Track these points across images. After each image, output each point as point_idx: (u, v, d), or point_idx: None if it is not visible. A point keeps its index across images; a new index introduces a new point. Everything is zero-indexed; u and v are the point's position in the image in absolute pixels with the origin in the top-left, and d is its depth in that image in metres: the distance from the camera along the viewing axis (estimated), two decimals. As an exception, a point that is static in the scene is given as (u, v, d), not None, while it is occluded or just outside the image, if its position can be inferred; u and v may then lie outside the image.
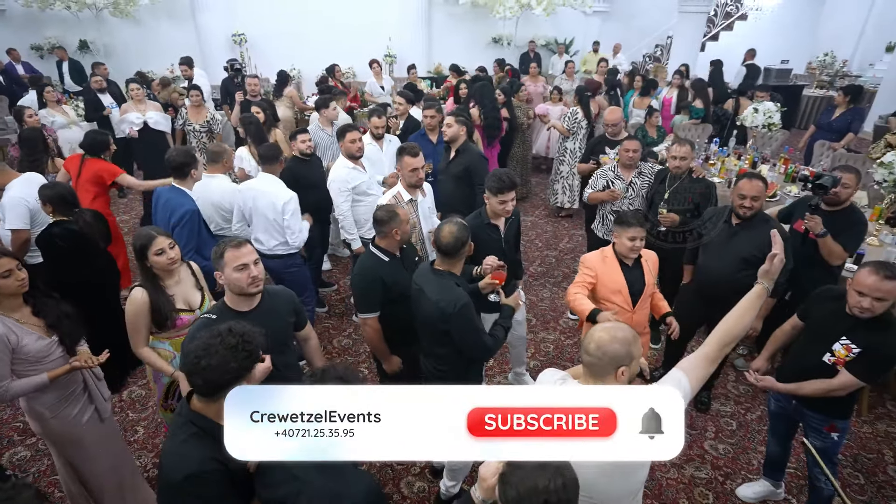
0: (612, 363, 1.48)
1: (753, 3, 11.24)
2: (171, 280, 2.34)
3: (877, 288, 1.98)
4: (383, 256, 2.49)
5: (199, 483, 1.38)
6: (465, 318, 2.13)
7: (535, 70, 7.97)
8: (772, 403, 2.63)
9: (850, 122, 6.02)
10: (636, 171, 3.67)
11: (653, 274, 2.67)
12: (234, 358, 1.41)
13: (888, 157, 3.80)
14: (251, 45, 9.74)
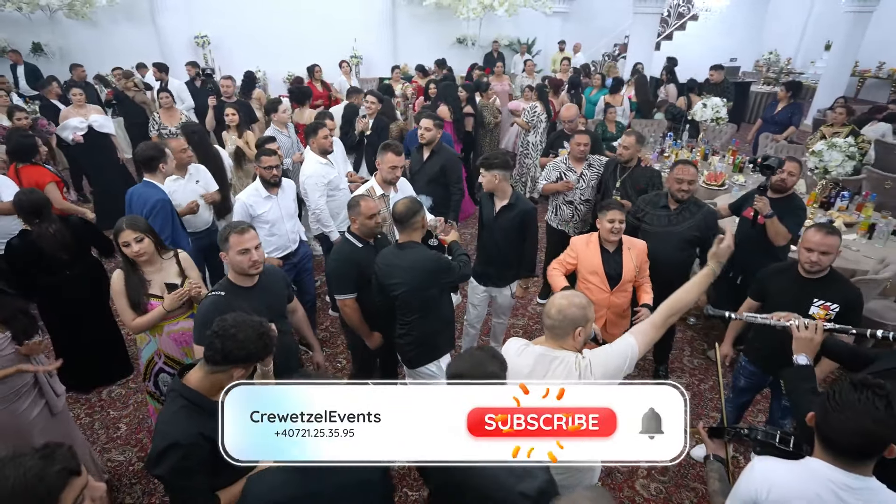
0: (571, 325, 1.68)
1: (703, 5, 11.78)
2: (151, 267, 2.45)
3: (821, 242, 2.26)
4: (357, 243, 2.66)
5: (178, 453, 1.48)
6: (441, 263, 2.50)
7: (500, 69, 8.20)
8: (741, 381, 2.78)
9: (791, 116, 6.48)
10: (586, 164, 3.90)
11: (635, 263, 2.82)
12: (256, 342, 1.57)
13: (818, 146, 4.16)
14: (214, 46, 9.64)
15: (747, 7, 12.53)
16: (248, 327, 1.57)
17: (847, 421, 1.28)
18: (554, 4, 10.48)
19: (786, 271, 2.48)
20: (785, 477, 1.40)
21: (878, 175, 5.16)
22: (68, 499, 1.07)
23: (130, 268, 2.41)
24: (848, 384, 1.32)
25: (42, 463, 1.06)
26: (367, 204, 2.63)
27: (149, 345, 2.52)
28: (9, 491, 1.02)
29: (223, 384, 1.59)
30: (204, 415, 1.53)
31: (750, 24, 12.78)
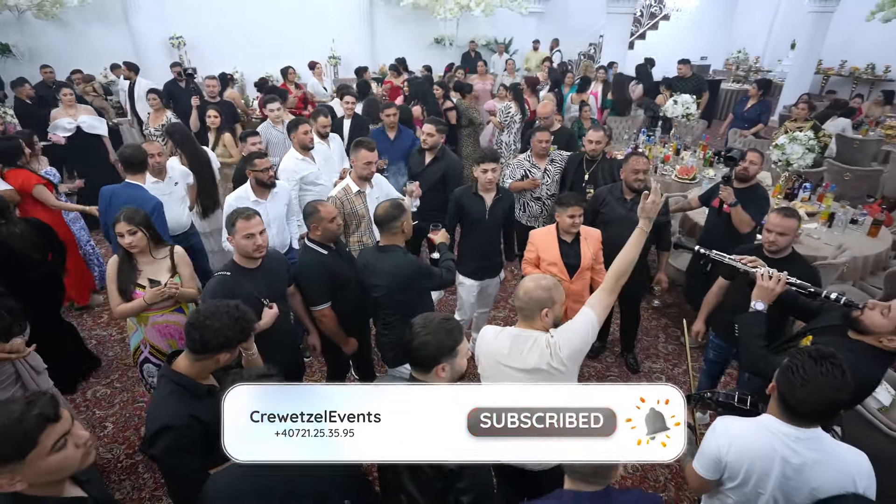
0: (538, 306, 1.81)
1: (674, 5, 12.10)
2: (144, 258, 2.52)
3: (779, 224, 2.46)
4: (321, 250, 2.61)
5: (170, 435, 1.55)
6: (421, 269, 2.54)
7: (482, 68, 8.29)
8: (710, 353, 3.02)
9: (760, 114, 6.75)
10: (549, 159, 4.01)
11: (592, 250, 2.97)
12: (232, 328, 1.63)
13: (781, 139, 4.37)
14: (190, 47, 9.55)
15: (716, 7, 12.90)
16: (224, 314, 1.63)
17: (813, 394, 1.42)
18: (530, 5, 10.63)
19: (752, 252, 2.65)
20: (743, 433, 1.54)
21: (837, 167, 5.42)
22: (47, 442, 1.17)
23: (126, 256, 2.48)
24: (808, 358, 1.46)
25: (23, 409, 1.17)
26: (326, 208, 2.60)
27: (136, 333, 2.59)
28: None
29: (210, 369, 1.67)
30: (194, 398, 1.61)
31: (719, 23, 13.16)
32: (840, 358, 1.45)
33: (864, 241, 4.03)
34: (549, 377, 1.84)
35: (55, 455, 1.19)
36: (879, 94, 7.95)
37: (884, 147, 6.41)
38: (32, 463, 1.16)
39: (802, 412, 1.46)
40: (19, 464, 1.15)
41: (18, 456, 1.14)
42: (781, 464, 1.48)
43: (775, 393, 1.52)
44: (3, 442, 1.13)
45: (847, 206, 4.48)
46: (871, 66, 11.64)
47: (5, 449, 1.13)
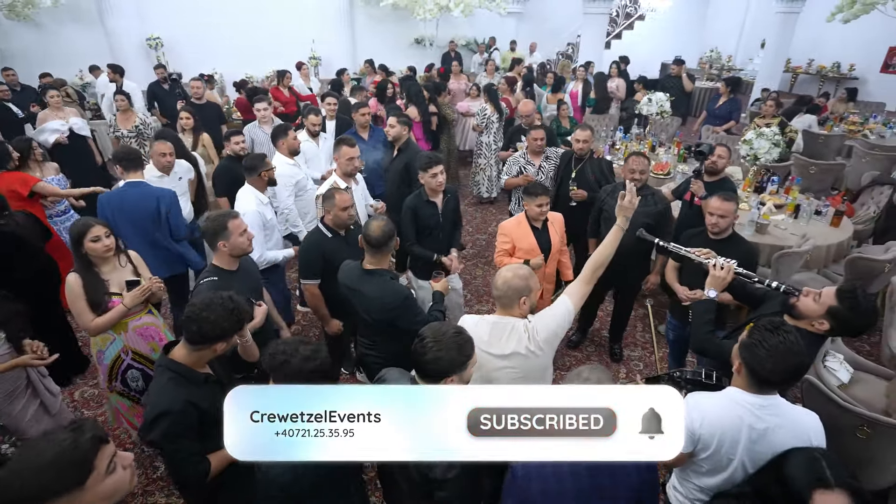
0: (516, 294, 1.91)
1: (649, 5, 12.37)
2: (107, 267, 2.49)
3: (719, 207, 2.65)
4: (327, 233, 2.81)
5: (168, 420, 1.61)
6: (409, 307, 2.37)
7: (457, 68, 8.42)
8: (670, 335, 3.22)
9: (731, 111, 6.99)
10: (544, 156, 4.14)
11: (559, 234, 3.14)
12: (227, 319, 1.70)
13: (749, 134, 4.56)
14: (168, 49, 9.48)
15: (689, 7, 13.22)
16: (218, 306, 1.69)
17: (780, 362, 1.55)
18: (508, 5, 10.78)
19: (699, 234, 2.85)
20: (713, 407, 1.68)
21: (803, 161, 5.65)
22: (102, 464, 1.13)
23: (86, 269, 2.42)
24: (765, 331, 1.60)
25: (74, 434, 1.12)
26: (342, 196, 2.76)
27: (113, 343, 2.52)
28: (48, 461, 1.07)
29: (207, 358, 1.75)
30: (191, 385, 1.68)
31: (692, 23, 13.48)
32: (789, 325, 1.59)
33: (827, 230, 4.24)
34: (526, 360, 1.95)
35: (110, 478, 1.15)
36: (843, 92, 8.29)
37: (847, 142, 6.69)
38: (91, 489, 1.11)
39: (774, 381, 1.59)
40: (79, 492, 1.10)
41: (79, 482, 1.09)
42: (748, 431, 1.61)
43: (743, 370, 1.64)
44: (64, 469, 1.08)
45: (811, 198, 4.69)
46: (836, 65, 12.08)
47: (66, 477, 1.08)
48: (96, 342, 2.54)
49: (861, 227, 4.75)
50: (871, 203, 4.92)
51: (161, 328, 2.68)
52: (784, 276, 3.57)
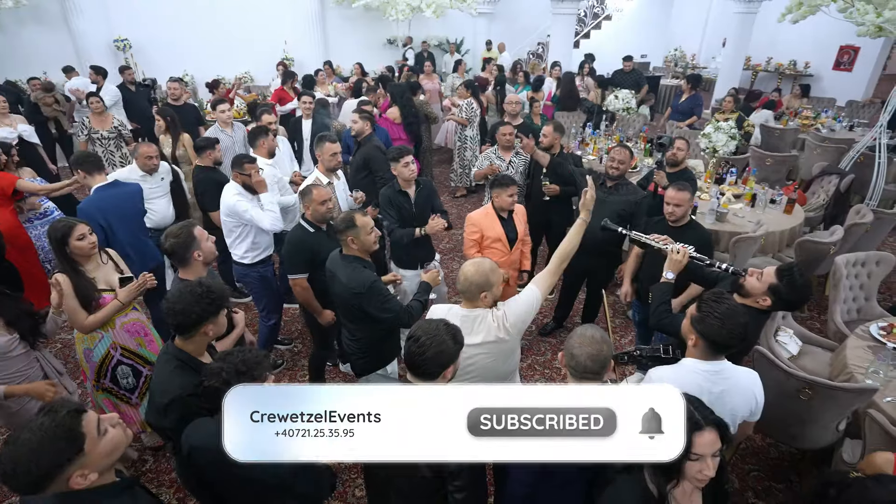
0: (478, 290, 2.03)
1: (615, 5, 12.74)
2: (91, 265, 2.54)
3: (673, 196, 2.84)
4: (309, 228, 2.89)
5: (180, 405, 1.70)
6: (375, 294, 2.41)
7: (429, 68, 8.55)
8: (635, 316, 3.44)
9: (693, 107, 7.31)
10: (514, 152, 4.31)
11: (523, 223, 3.30)
12: (198, 304, 1.76)
13: (707, 128, 4.82)
14: (136, 50, 9.33)
15: (654, 8, 13.65)
16: (187, 294, 1.76)
17: (731, 326, 1.75)
18: (479, 6, 10.96)
19: (660, 222, 3.06)
20: (673, 377, 1.84)
21: (760, 154, 5.97)
22: (91, 429, 1.24)
23: (72, 269, 2.45)
24: (711, 303, 1.79)
25: (50, 416, 1.22)
26: (319, 191, 2.86)
27: (101, 341, 2.56)
28: (37, 444, 1.18)
29: (203, 343, 1.83)
30: (195, 372, 1.76)
31: (657, 23, 13.91)
32: (728, 294, 1.79)
33: (780, 217, 4.52)
34: (495, 345, 2.08)
35: (105, 438, 1.27)
36: (797, 88, 8.72)
37: (800, 135, 7.07)
38: (92, 452, 1.23)
39: (729, 344, 1.78)
40: (82, 456, 1.22)
41: (77, 449, 1.21)
42: (707, 395, 1.77)
43: (700, 341, 1.83)
44: (56, 445, 1.19)
45: (767, 188, 4.98)
46: (793, 63, 12.67)
47: (63, 449, 1.20)
48: (83, 341, 2.56)
49: (812, 214, 5.07)
50: (821, 192, 5.24)
51: (146, 323, 2.74)
52: (741, 260, 3.81)
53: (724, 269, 2.35)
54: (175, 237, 2.33)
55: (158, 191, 3.73)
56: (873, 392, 2.29)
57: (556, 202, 4.08)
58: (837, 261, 3.38)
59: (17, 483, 1.20)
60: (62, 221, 2.47)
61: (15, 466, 1.17)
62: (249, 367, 1.55)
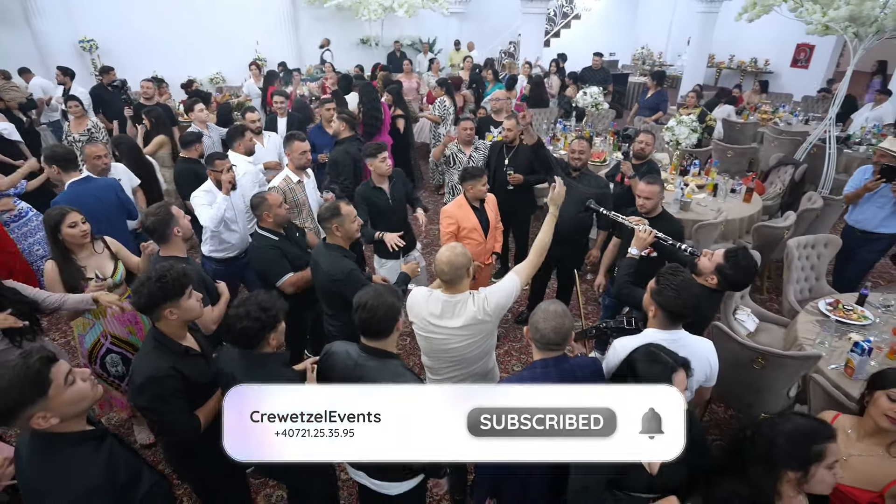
0: (463, 269, 2.14)
1: (584, 5, 13.04)
2: (84, 253, 2.60)
3: (643, 190, 2.99)
4: (272, 236, 2.88)
5: (155, 384, 1.76)
6: (352, 281, 2.52)
7: (408, 67, 8.62)
8: (605, 300, 3.60)
9: (659, 102, 7.58)
10: (473, 147, 4.49)
11: (494, 211, 3.45)
12: (151, 287, 1.82)
13: (670, 122, 5.04)
14: (103, 52, 9.17)
15: (621, 7, 14.02)
16: (144, 281, 1.83)
17: (686, 297, 1.91)
18: (451, 5, 11.09)
19: (632, 214, 3.18)
20: (634, 345, 1.97)
21: (722, 146, 6.25)
22: (58, 377, 1.35)
23: (62, 256, 2.52)
24: (668, 276, 1.95)
25: (24, 359, 1.34)
26: (272, 196, 2.85)
27: (93, 328, 2.65)
28: (7, 383, 1.29)
29: (175, 326, 1.89)
30: (173, 354, 1.83)
31: (625, 22, 14.30)
32: (683, 268, 1.94)
33: (740, 205, 4.77)
34: (475, 326, 2.19)
35: (71, 388, 1.37)
36: (756, 84, 9.10)
37: (759, 129, 7.41)
38: (55, 398, 1.33)
39: (685, 313, 1.93)
40: (45, 400, 1.32)
41: (41, 392, 1.31)
42: None
43: (659, 312, 1.98)
44: (23, 385, 1.29)
45: (728, 179, 5.23)
46: (753, 60, 13.19)
47: (27, 390, 1.30)
48: (78, 326, 2.65)
49: (770, 202, 5.34)
50: (777, 181, 5.53)
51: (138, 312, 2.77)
52: (703, 245, 4.02)
53: (684, 250, 2.52)
54: (154, 215, 2.44)
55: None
56: (817, 359, 2.48)
57: (519, 191, 4.22)
58: (789, 244, 3.61)
59: None
60: (56, 209, 2.52)
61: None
62: (268, 307, 1.79)
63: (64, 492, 1.34)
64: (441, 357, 2.26)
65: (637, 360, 1.69)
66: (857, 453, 1.77)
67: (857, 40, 4.92)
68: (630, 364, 1.70)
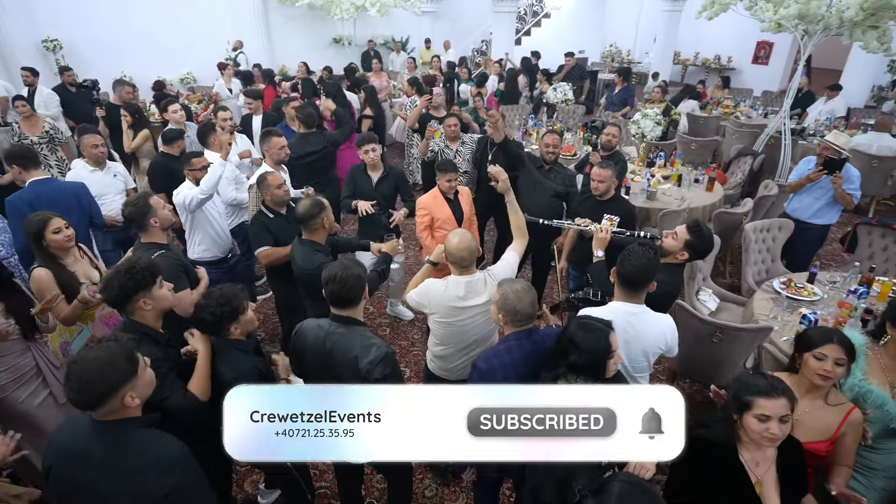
0: (474, 253, 2.32)
1: (553, 3, 13.29)
2: (69, 258, 2.58)
3: (597, 174, 3.20)
4: (269, 213, 3.08)
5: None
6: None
7: (377, 66, 8.70)
8: (571, 284, 3.76)
9: (625, 98, 7.83)
10: (460, 141, 4.60)
11: (468, 204, 3.58)
12: (131, 276, 1.88)
13: (636, 116, 5.26)
14: (68, 52, 8.95)
15: (590, 6, 14.32)
16: (112, 275, 1.89)
17: (639, 265, 2.06)
18: (423, 4, 11.18)
19: (589, 198, 3.42)
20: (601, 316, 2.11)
21: (686, 139, 6.52)
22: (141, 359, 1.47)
23: (52, 262, 2.48)
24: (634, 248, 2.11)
25: (116, 341, 1.44)
26: (273, 177, 3.06)
27: (81, 333, 2.63)
28: (107, 360, 1.37)
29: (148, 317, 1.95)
30: (154, 342, 1.91)
31: (594, 20, 14.60)
32: (651, 243, 2.11)
33: (703, 194, 5.00)
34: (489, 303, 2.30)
35: (148, 370, 1.48)
36: (719, 80, 9.48)
37: (721, 122, 7.74)
38: (141, 377, 1.43)
39: (637, 279, 2.09)
40: (136, 378, 1.41)
41: (134, 370, 1.41)
42: (625, 333, 2.07)
43: (618, 280, 2.14)
44: (122, 363, 1.39)
45: (692, 170, 5.48)
46: (717, 57, 13.66)
47: (126, 368, 1.39)
48: (60, 334, 2.59)
49: (732, 191, 5.61)
50: (738, 172, 5.81)
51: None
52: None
53: (644, 236, 2.69)
54: (133, 205, 2.51)
55: (111, 188, 3.72)
56: (769, 331, 2.68)
57: None
58: (746, 228, 3.83)
59: (84, 397, 1.36)
60: (38, 216, 2.48)
61: (83, 381, 1.34)
62: (229, 299, 1.89)
63: (160, 462, 1.39)
64: (460, 341, 2.42)
65: (574, 332, 1.79)
66: (805, 410, 1.94)
67: (806, 37, 5.21)
68: (570, 338, 1.77)
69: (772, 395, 1.59)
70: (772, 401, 1.58)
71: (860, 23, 4.58)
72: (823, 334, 1.92)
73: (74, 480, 1.43)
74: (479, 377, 1.98)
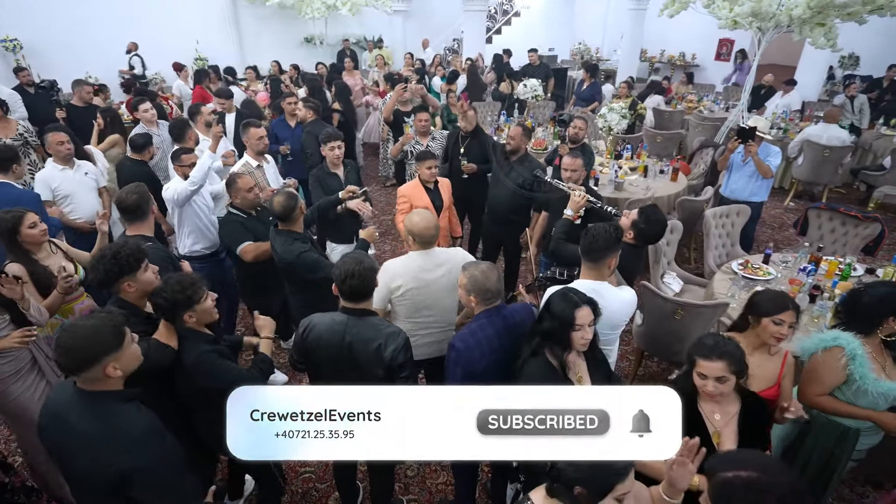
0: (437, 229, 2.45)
1: (523, 2, 13.51)
2: (42, 253, 2.58)
3: (569, 164, 3.33)
4: (241, 214, 3.06)
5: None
6: (304, 262, 2.73)
7: (350, 65, 8.73)
8: (542, 269, 3.85)
9: (593, 94, 8.06)
10: (430, 137, 4.72)
11: (447, 193, 3.68)
12: (116, 261, 1.97)
13: (602, 110, 5.45)
14: (28, 52, 8.71)
15: (559, 4, 14.60)
16: (98, 256, 1.98)
17: (598, 240, 2.21)
18: (394, 3, 11.23)
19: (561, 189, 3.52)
20: None
21: (652, 132, 6.77)
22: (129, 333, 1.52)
23: (26, 258, 2.48)
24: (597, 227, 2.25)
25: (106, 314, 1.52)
26: (244, 180, 3.04)
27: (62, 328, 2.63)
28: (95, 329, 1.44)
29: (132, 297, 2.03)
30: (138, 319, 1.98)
31: (563, 19, 14.88)
32: (616, 223, 2.26)
33: (668, 184, 5.22)
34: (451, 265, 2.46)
35: (133, 345, 1.53)
36: (684, 76, 9.82)
37: (686, 117, 8.04)
38: (126, 350, 1.49)
39: (596, 249, 2.23)
40: (119, 351, 1.46)
41: (119, 343, 1.46)
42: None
43: (582, 254, 2.29)
44: (108, 333, 1.45)
45: (657, 161, 5.70)
46: (682, 54, 14.09)
47: (111, 339, 1.45)
48: (44, 330, 2.55)
49: (695, 182, 5.85)
50: (701, 163, 6.06)
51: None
52: (635, 220, 4.42)
53: (609, 212, 2.87)
54: (136, 193, 2.55)
55: (83, 186, 3.67)
56: (725, 306, 2.87)
57: (473, 180, 4.48)
58: (706, 214, 4.04)
59: (68, 361, 1.43)
60: (10, 212, 2.46)
61: (69, 347, 1.42)
62: (184, 287, 1.92)
63: (123, 437, 1.45)
64: (423, 313, 2.51)
65: (552, 298, 1.97)
66: (757, 364, 2.08)
67: (760, 34, 5.49)
68: (548, 303, 1.96)
69: (710, 357, 1.76)
70: (709, 362, 1.75)
71: (808, 20, 4.86)
72: (779, 302, 2.08)
73: (56, 442, 1.52)
74: (457, 356, 2.08)
